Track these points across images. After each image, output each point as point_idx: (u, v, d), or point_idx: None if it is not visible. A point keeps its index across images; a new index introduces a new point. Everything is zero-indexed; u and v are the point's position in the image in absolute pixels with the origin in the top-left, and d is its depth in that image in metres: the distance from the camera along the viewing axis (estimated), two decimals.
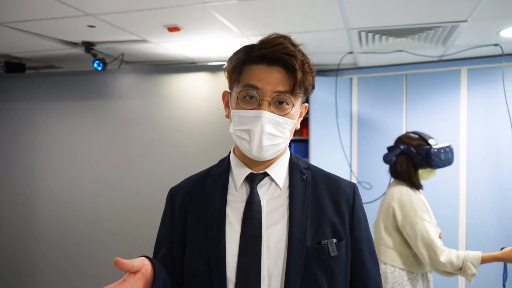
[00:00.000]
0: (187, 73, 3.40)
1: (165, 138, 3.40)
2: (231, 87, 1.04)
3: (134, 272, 0.88)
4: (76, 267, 3.55)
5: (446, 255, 1.92)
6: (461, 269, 1.89)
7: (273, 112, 0.97)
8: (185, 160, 3.30)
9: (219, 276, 0.96)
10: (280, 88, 0.97)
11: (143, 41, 2.84)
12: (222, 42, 2.85)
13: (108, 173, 3.48)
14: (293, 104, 0.99)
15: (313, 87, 1.04)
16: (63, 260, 3.57)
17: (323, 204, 1.04)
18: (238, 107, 0.99)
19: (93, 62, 3.11)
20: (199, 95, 3.34)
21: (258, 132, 0.97)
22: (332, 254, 0.98)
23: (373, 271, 1.06)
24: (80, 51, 3.03)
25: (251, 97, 0.98)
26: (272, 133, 0.98)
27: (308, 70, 0.99)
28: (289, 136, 1.03)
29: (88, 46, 2.93)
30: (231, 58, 1.04)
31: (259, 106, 0.97)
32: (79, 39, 2.84)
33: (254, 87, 0.97)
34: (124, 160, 3.45)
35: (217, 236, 0.98)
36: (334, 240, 1.00)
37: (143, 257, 0.93)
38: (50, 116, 3.60)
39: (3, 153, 3.68)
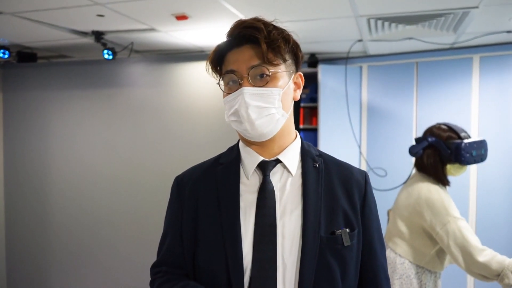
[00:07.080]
0: (196, 62, 3.41)
1: (175, 127, 3.42)
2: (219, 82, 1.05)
3: None
4: (89, 257, 3.63)
5: (486, 256, 1.74)
6: (499, 276, 1.72)
7: (255, 86, 0.97)
8: (194, 149, 3.33)
9: (235, 265, 0.95)
10: (253, 62, 0.97)
11: (152, 30, 2.85)
12: None
13: (118, 161, 3.53)
14: (270, 72, 0.97)
15: (296, 55, 1.03)
16: (77, 248, 3.65)
17: (336, 192, 1.03)
18: (225, 95, 1.01)
19: (103, 51, 3.13)
20: (208, 83, 3.34)
21: (244, 108, 0.96)
22: (345, 244, 0.99)
23: (381, 259, 1.08)
24: (90, 40, 3.05)
25: (234, 81, 0.99)
26: (258, 105, 0.96)
27: (278, 37, 0.97)
28: (281, 105, 0.99)
29: (98, 35, 2.95)
30: (208, 58, 1.05)
31: (240, 86, 0.98)
32: (88, 28, 2.86)
33: (231, 71, 0.99)
34: (134, 148, 3.50)
35: (232, 225, 0.98)
36: (347, 230, 1.00)
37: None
38: (62, 105, 3.65)
39: (16, 141, 3.76)
